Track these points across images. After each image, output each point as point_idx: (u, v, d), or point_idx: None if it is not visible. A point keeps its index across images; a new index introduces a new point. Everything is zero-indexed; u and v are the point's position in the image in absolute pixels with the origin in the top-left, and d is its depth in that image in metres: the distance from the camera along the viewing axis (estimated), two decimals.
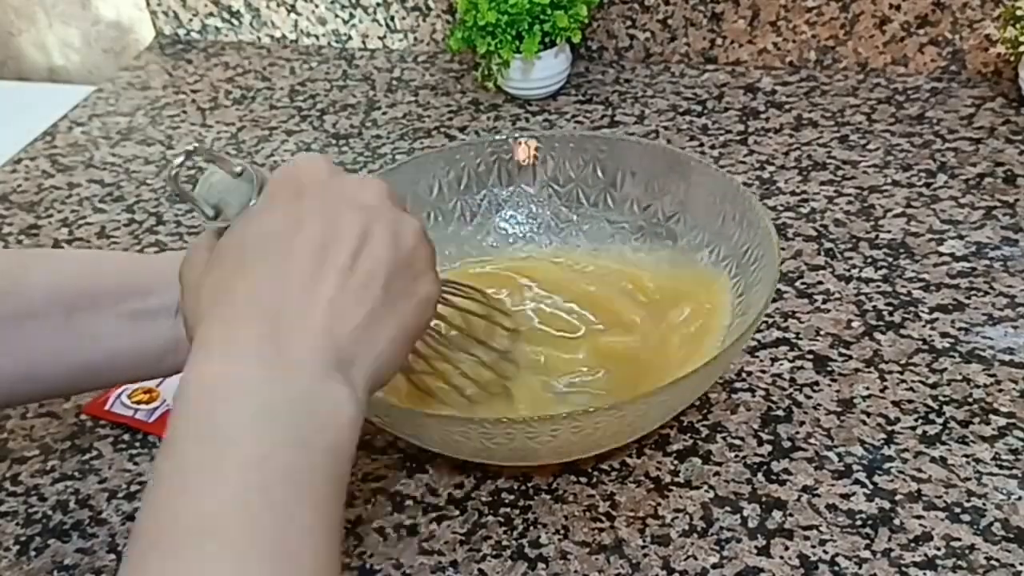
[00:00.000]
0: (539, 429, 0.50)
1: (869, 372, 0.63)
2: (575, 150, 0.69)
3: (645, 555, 0.53)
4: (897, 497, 0.55)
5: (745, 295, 0.60)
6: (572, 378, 0.61)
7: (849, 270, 0.71)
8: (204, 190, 0.43)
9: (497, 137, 0.71)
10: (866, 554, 0.52)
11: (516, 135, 0.70)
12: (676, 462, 0.58)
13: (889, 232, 0.74)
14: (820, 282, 0.70)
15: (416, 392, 0.57)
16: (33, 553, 0.57)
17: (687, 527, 0.55)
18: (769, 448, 0.59)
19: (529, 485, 0.58)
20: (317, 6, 1.08)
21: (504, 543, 0.55)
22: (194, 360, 0.36)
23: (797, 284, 0.70)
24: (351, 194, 0.40)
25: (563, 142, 0.69)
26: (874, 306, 0.68)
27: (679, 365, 0.58)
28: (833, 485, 0.56)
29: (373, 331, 0.38)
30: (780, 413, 0.61)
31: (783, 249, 0.73)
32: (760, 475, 0.57)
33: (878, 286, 0.69)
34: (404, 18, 1.06)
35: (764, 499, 0.56)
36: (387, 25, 1.07)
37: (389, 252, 0.39)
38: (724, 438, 0.60)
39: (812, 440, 0.59)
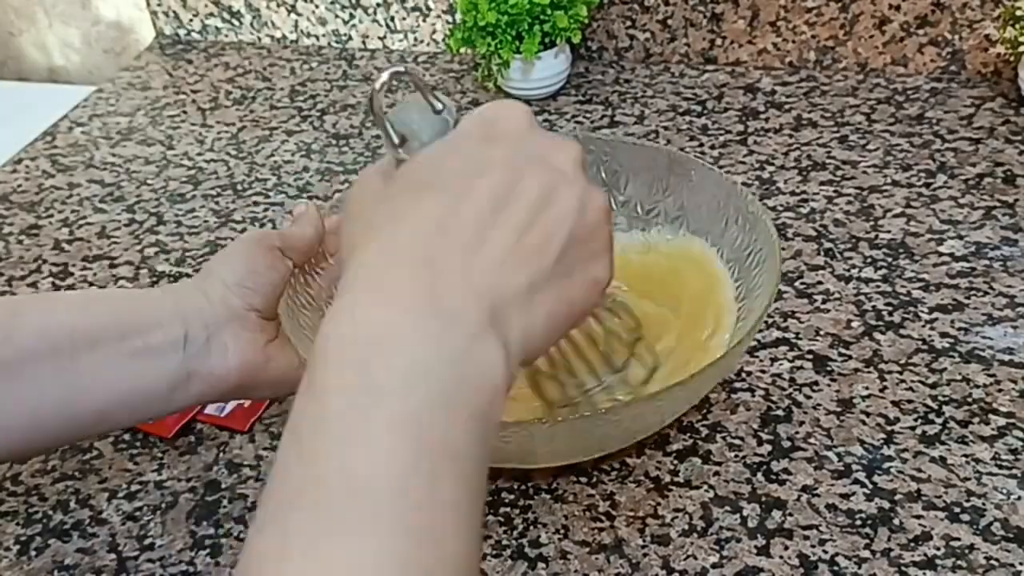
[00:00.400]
0: (535, 432, 0.50)
1: (869, 372, 0.63)
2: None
3: (645, 555, 0.53)
4: (897, 497, 0.55)
5: (747, 299, 0.60)
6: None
7: (849, 270, 0.71)
8: (398, 116, 0.41)
9: None
10: (866, 554, 0.52)
11: None
12: (676, 462, 0.58)
13: (889, 232, 0.74)
14: (820, 282, 0.71)
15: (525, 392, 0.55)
16: (33, 553, 0.57)
17: (687, 527, 0.55)
18: (769, 448, 0.59)
19: (529, 485, 0.58)
20: (317, 6, 1.08)
21: (504, 542, 0.55)
22: (345, 293, 0.33)
23: (797, 284, 0.71)
24: (545, 152, 0.38)
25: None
26: (874, 306, 0.68)
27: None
28: (833, 485, 0.56)
29: (534, 298, 0.35)
30: (780, 413, 0.61)
31: (783, 249, 0.73)
32: (760, 475, 0.57)
33: (878, 286, 0.70)
34: (404, 18, 1.06)
35: (764, 499, 0.56)
36: (387, 25, 1.07)
37: (570, 220, 0.36)
38: (724, 438, 0.60)
39: (812, 440, 0.59)
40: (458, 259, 0.34)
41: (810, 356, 0.65)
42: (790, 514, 0.55)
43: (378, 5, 1.06)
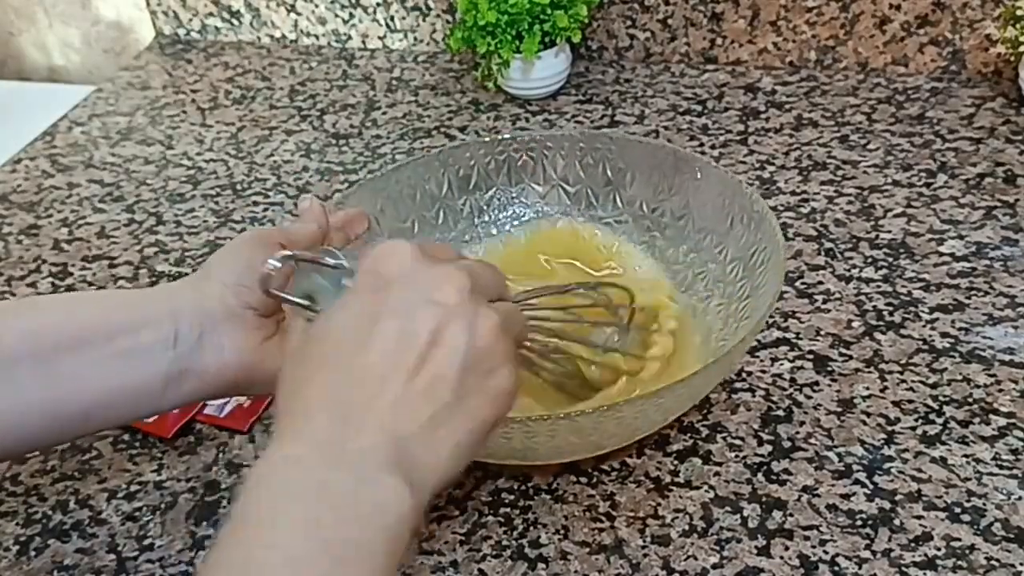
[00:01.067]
0: (536, 429, 0.50)
1: (869, 372, 0.63)
2: (584, 149, 0.69)
3: (645, 555, 0.53)
4: (897, 497, 0.55)
5: (751, 297, 0.60)
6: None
7: (849, 270, 0.71)
8: (298, 285, 0.46)
9: (505, 136, 0.71)
10: (866, 554, 0.52)
11: (520, 134, 0.71)
12: (676, 462, 0.58)
13: (889, 232, 0.74)
14: (820, 282, 0.70)
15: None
16: (33, 553, 0.57)
17: (687, 527, 0.55)
18: (769, 448, 0.59)
19: (529, 485, 0.58)
20: (317, 6, 1.08)
21: (504, 543, 0.55)
22: (272, 442, 0.38)
23: (797, 284, 0.70)
24: (430, 290, 0.41)
25: (572, 141, 0.70)
26: (874, 306, 0.68)
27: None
28: (833, 485, 0.56)
29: (438, 433, 0.39)
30: (780, 413, 0.61)
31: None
32: (760, 475, 0.57)
33: (878, 286, 0.69)
34: (404, 18, 1.06)
35: (764, 499, 0.56)
36: (387, 25, 1.07)
37: (460, 352, 0.39)
38: (724, 438, 0.60)
39: (812, 440, 0.59)
40: (360, 407, 0.38)
41: (811, 356, 0.64)
42: (790, 514, 0.55)
43: (378, 5, 1.06)
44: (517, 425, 0.49)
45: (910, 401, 0.61)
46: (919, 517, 0.54)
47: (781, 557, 0.52)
